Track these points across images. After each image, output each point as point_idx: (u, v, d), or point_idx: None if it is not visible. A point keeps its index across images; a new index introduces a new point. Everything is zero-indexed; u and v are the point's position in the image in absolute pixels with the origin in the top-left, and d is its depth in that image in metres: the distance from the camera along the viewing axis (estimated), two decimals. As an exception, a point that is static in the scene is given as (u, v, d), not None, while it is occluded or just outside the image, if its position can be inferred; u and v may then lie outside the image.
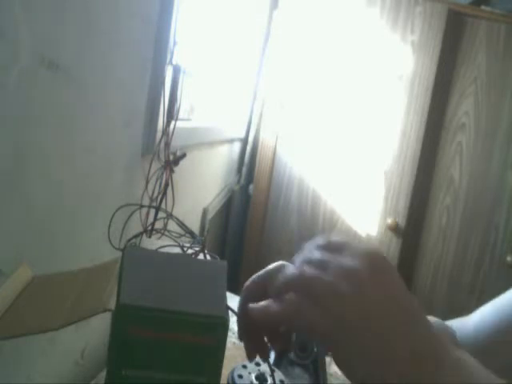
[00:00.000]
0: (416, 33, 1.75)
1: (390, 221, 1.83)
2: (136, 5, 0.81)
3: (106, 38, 0.73)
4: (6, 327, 0.40)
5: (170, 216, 0.54)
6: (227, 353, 0.38)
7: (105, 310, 0.36)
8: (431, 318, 0.52)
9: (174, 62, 0.97)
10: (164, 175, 0.99)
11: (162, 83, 0.93)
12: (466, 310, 0.68)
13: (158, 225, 0.83)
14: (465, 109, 1.79)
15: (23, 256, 0.61)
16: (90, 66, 0.70)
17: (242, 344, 0.41)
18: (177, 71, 0.97)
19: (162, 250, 0.48)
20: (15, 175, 0.58)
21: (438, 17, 1.74)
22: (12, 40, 0.53)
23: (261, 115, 1.94)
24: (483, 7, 1.78)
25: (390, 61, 1.78)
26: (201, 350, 0.37)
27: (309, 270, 0.33)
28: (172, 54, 0.96)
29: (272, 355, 0.99)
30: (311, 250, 0.35)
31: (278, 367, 0.86)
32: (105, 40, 0.73)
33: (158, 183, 0.98)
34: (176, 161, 0.99)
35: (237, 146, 1.91)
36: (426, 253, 1.88)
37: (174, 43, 0.95)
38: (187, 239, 0.59)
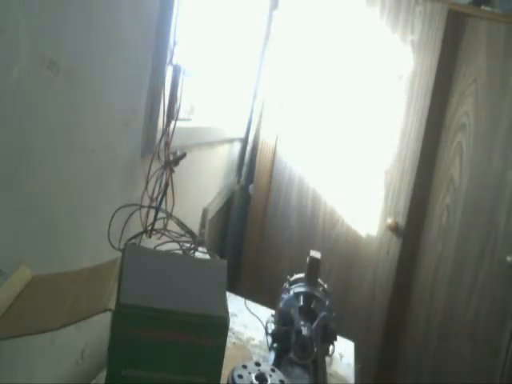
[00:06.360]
0: (416, 33, 1.75)
1: (390, 221, 1.83)
2: (136, 5, 0.81)
3: (106, 38, 0.73)
4: (6, 327, 0.40)
5: (169, 216, 0.54)
6: (227, 353, 0.38)
7: (105, 310, 0.36)
8: None
9: (174, 62, 0.97)
10: (164, 175, 0.99)
11: (162, 83, 0.93)
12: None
13: (158, 225, 0.83)
14: (465, 109, 1.79)
15: (23, 256, 0.61)
16: (90, 65, 0.70)
17: (241, 344, 0.41)
18: (177, 71, 0.97)
19: (161, 246, 0.48)
20: (15, 175, 0.58)
21: (437, 17, 1.74)
22: (12, 40, 0.53)
23: (261, 115, 1.94)
24: (483, 7, 1.78)
25: (390, 61, 1.78)
26: (201, 350, 0.37)
27: None
28: (172, 53, 0.96)
29: (272, 355, 0.99)
30: None
31: (278, 367, 0.86)
32: (105, 40, 0.73)
33: (158, 183, 0.97)
34: (176, 161, 0.99)
35: (237, 146, 1.91)
36: (426, 253, 1.88)
37: (174, 43, 0.95)
38: (187, 239, 0.59)
